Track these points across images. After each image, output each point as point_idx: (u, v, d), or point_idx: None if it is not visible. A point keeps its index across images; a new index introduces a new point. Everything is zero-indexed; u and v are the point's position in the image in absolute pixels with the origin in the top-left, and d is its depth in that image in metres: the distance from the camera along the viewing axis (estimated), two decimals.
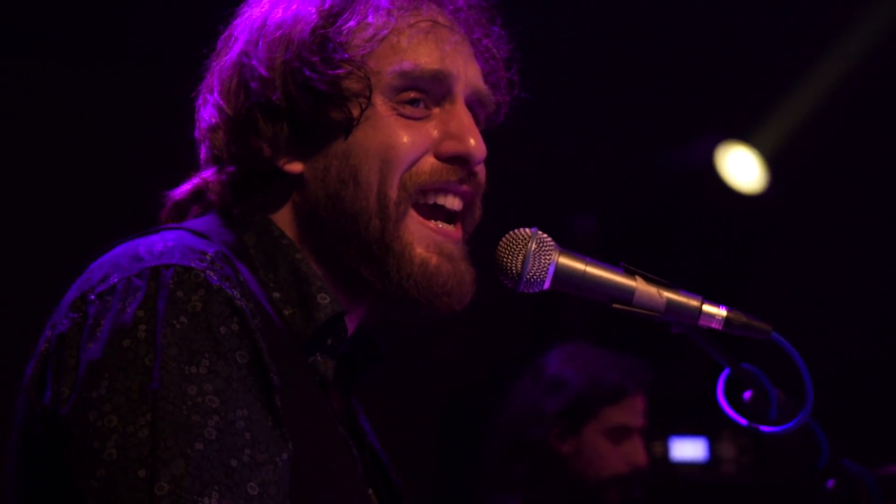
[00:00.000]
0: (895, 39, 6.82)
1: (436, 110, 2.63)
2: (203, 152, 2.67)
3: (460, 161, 2.62)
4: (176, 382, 2.22)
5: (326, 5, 2.59)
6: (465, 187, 2.64)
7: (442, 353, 5.97)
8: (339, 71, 2.56)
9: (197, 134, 2.68)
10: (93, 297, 2.33)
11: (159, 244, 2.38)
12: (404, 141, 2.58)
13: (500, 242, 2.62)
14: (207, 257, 2.36)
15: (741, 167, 6.96)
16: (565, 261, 2.61)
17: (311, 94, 2.55)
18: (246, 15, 2.68)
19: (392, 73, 2.58)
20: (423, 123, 2.61)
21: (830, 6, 6.75)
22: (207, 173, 2.64)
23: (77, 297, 2.35)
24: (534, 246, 2.60)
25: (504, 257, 2.61)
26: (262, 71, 2.56)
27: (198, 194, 2.66)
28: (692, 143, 7.07)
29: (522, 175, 2.51)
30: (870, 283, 7.30)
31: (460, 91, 2.65)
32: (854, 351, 7.16)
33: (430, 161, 2.60)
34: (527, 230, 2.62)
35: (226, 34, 2.70)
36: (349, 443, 2.55)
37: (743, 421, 2.77)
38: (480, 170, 2.67)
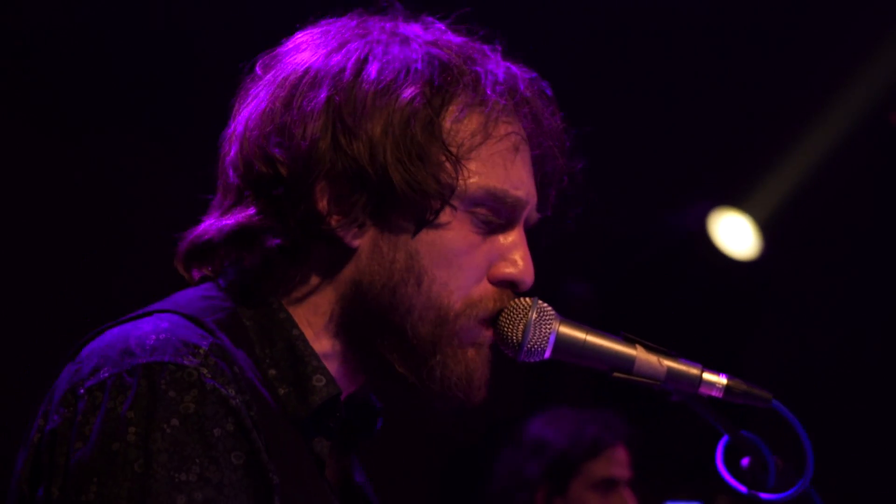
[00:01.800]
0: (888, 105, 6.86)
1: (496, 229, 2.58)
2: (243, 181, 2.53)
3: (511, 285, 2.59)
4: (165, 492, 2.19)
5: (436, 83, 2.49)
6: None
7: (437, 418, 5.95)
8: (440, 161, 2.48)
9: (250, 163, 2.51)
10: (82, 391, 2.28)
11: (151, 337, 2.31)
12: (469, 263, 2.53)
13: (501, 312, 2.61)
14: (201, 352, 2.30)
15: (735, 233, 6.98)
16: (566, 330, 2.62)
17: (406, 175, 2.46)
18: (318, 56, 2.54)
19: (481, 186, 2.52)
20: (485, 241, 2.56)
21: (823, 72, 6.80)
22: (251, 211, 2.50)
23: (67, 389, 2.30)
24: (534, 315, 2.59)
25: (505, 327, 2.60)
26: (360, 132, 2.45)
27: (240, 234, 2.51)
28: (686, 208, 7.09)
29: None
30: (865, 349, 7.30)
31: (524, 217, 2.61)
32: (851, 416, 7.15)
33: (486, 286, 2.56)
34: (527, 299, 2.61)
35: (290, 68, 2.54)
36: None
37: (743, 489, 2.77)
38: None
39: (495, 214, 2.56)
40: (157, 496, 2.18)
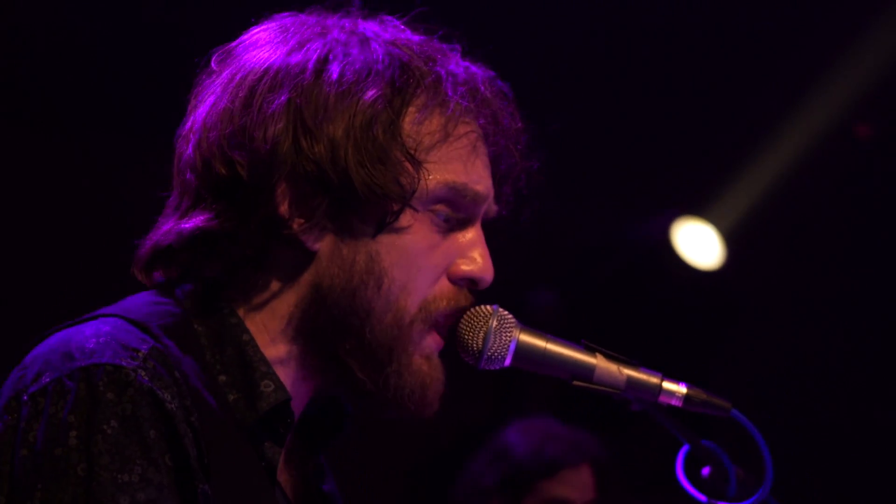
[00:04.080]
0: (854, 115, 6.89)
1: (454, 226, 2.59)
2: (201, 182, 2.50)
3: (471, 283, 2.60)
4: (109, 493, 2.20)
5: (397, 84, 2.50)
6: (461, 313, 2.62)
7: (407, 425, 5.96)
8: (400, 161, 2.48)
9: (209, 164, 2.48)
10: (26, 397, 2.28)
11: (92, 340, 2.32)
12: (428, 263, 2.54)
13: (462, 319, 2.62)
14: (140, 355, 2.30)
15: (698, 243, 6.99)
16: (526, 338, 2.62)
17: (367, 177, 2.46)
18: (277, 54, 2.52)
19: (440, 182, 2.53)
20: (444, 239, 2.57)
21: (787, 82, 6.82)
22: (210, 214, 2.48)
23: (11, 396, 2.30)
24: (495, 323, 2.60)
25: (465, 334, 2.60)
26: (321, 134, 2.45)
27: (200, 238, 2.49)
28: (650, 218, 7.10)
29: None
30: (828, 360, 7.33)
31: (482, 213, 2.62)
32: (813, 427, 7.18)
33: (445, 284, 2.57)
34: (488, 307, 2.62)
35: (249, 66, 2.52)
36: None
37: (702, 497, 2.78)
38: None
39: (455, 210, 2.57)
40: (101, 498, 2.19)
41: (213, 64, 2.60)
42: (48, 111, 5.61)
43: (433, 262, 2.55)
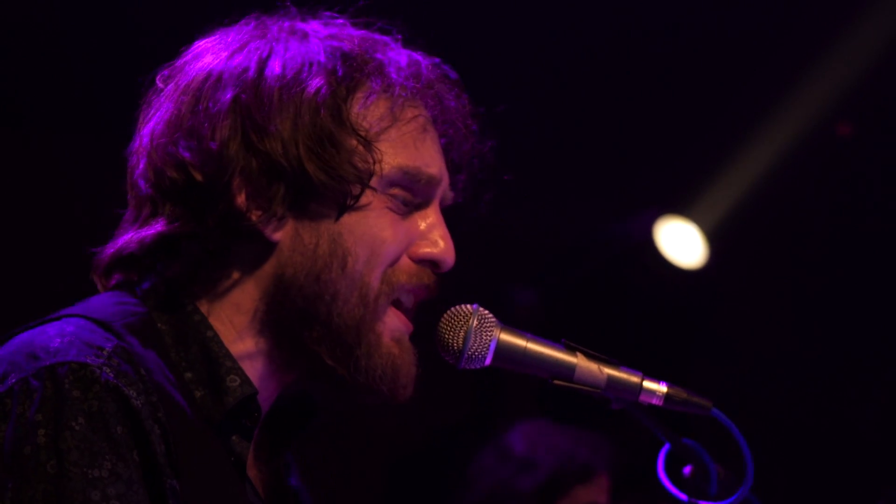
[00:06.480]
0: (835, 113, 6.90)
1: (412, 209, 2.61)
2: (156, 191, 2.53)
3: (432, 264, 2.62)
4: (80, 489, 2.22)
5: (339, 73, 2.53)
6: (426, 292, 2.64)
7: (381, 423, 5.96)
8: (352, 146, 2.52)
9: (161, 171, 2.51)
10: None
11: (56, 340, 2.33)
12: (392, 237, 2.56)
13: (442, 319, 2.62)
14: (104, 353, 2.32)
15: (681, 241, 6.99)
16: (507, 337, 2.62)
17: (321, 163, 2.49)
18: (220, 59, 2.57)
19: (394, 166, 2.56)
20: (403, 221, 2.59)
21: (769, 80, 6.83)
22: (169, 219, 2.50)
23: None
24: (475, 323, 2.60)
25: (445, 334, 2.61)
26: (270, 127, 2.48)
27: (162, 243, 2.52)
28: (632, 216, 7.10)
29: (463, 248, 2.54)
30: (810, 359, 7.34)
31: (439, 196, 2.65)
32: (795, 427, 7.19)
33: (406, 262, 2.59)
34: (468, 307, 2.62)
35: (192, 74, 2.56)
36: None
37: (683, 496, 2.78)
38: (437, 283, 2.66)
39: (412, 193, 2.60)
40: (73, 494, 2.21)
41: (158, 82, 2.63)
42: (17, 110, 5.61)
43: (395, 238, 2.58)
